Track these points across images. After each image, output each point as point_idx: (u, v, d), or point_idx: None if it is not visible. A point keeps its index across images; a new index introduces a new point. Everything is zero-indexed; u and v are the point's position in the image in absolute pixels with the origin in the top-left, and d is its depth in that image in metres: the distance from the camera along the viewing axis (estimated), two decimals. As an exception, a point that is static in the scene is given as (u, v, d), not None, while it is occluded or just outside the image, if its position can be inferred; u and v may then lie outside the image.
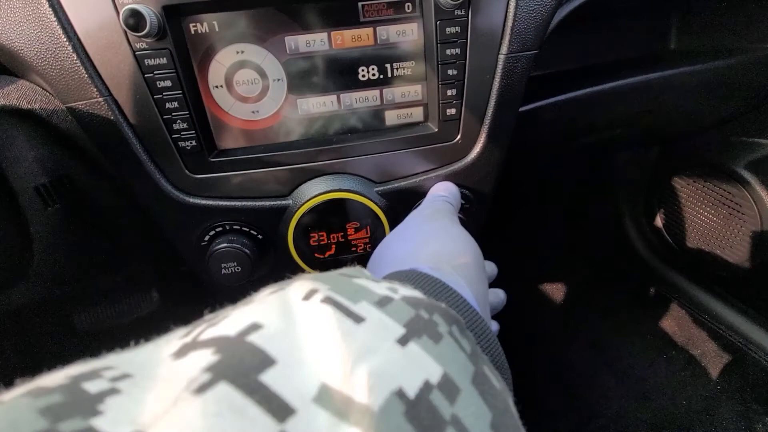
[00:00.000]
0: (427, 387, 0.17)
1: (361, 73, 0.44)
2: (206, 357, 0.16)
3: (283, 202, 0.47)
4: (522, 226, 1.43)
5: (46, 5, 0.37)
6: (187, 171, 0.44)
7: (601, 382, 1.03)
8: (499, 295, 0.46)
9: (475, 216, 0.51)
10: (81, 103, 0.40)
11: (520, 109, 0.49)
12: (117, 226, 0.55)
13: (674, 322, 1.11)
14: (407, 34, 0.42)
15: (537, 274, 1.33)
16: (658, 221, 1.17)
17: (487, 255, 0.64)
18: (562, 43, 0.46)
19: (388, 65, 0.44)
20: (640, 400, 0.98)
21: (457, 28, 0.41)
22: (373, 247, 0.50)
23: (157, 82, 0.40)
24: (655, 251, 1.21)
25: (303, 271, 0.50)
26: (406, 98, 0.45)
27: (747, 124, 0.91)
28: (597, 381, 1.04)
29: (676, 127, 0.90)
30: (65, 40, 0.37)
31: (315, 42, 0.42)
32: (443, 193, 0.45)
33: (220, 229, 0.47)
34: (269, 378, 0.15)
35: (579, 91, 0.64)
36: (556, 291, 1.28)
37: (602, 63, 0.75)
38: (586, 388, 1.03)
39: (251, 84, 0.43)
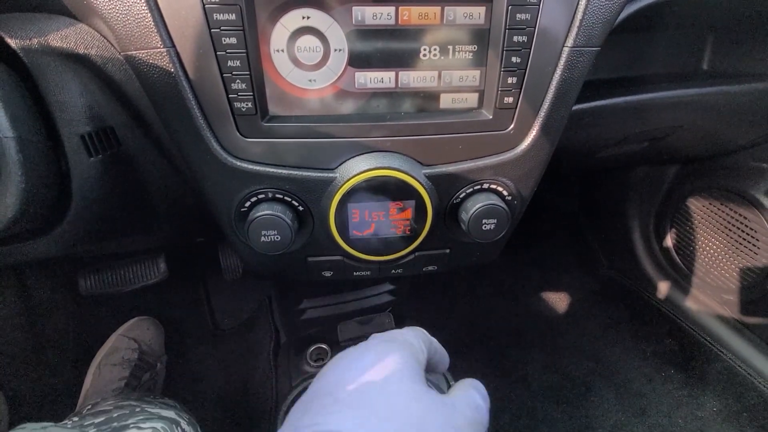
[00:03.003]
0: None
1: (422, 53, 0.43)
2: None
3: (330, 174, 0.46)
4: (530, 237, 1.43)
5: (121, -53, 0.36)
6: (238, 133, 0.43)
7: (599, 394, 1.04)
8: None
9: (514, 212, 0.51)
10: (142, 51, 0.39)
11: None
12: (151, 187, 0.54)
13: (675, 341, 1.12)
14: (474, 17, 0.42)
15: (542, 284, 1.34)
16: (668, 240, 1.18)
17: (496, 262, 0.64)
18: (599, 52, 0.46)
19: (450, 47, 0.43)
20: (637, 415, 0.99)
21: (528, 15, 0.41)
22: (413, 231, 0.50)
23: (223, 39, 0.39)
24: (661, 269, 1.22)
25: (340, 246, 0.50)
26: (464, 82, 0.45)
27: (768, 151, 0.92)
28: (595, 393, 1.04)
29: (701, 146, 0.91)
30: (136, -16, 0.37)
31: (382, 15, 0.41)
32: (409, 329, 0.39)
33: (263, 196, 0.46)
34: None
35: (618, 98, 0.64)
36: (559, 302, 1.29)
37: (638, 75, 0.75)
38: (584, 399, 1.03)
39: (312, 51, 0.42)
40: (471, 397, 0.36)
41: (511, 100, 0.45)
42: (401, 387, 0.32)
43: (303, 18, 0.41)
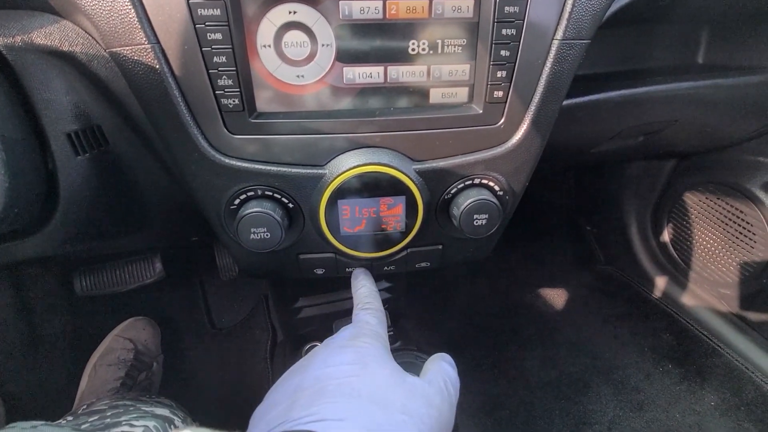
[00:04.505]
0: None
1: (411, 47, 0.43)
2: None
3: (319, 171, 0.46)
4: (527, 233, 1.43)
5: (103, -58, 0.36)
6: (226, 130, 0.43)
7: (596, 389, 1.04)
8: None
9: (506, 207, 0.51)
10: (126, 48, 0.39)
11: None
12: (141, 186, 0.54)
13: (673, 336, 1.11)
14: (462, 10, 0.42)
15: (539, 281, 1.34)
16: (665, 235, 1.18)
17: (492, 258, 0.64)
18: (593, 47, 0.46)
19: (439, 41, 0.43)
20: (635, 410, 0.99)
21: (516, 8, 0.40)
22: (404, 227, 0.49)
23: (208, 34, 0.39)
24: (659, 265, 1.22)
25: (331, 243, 0.49)
26: (453, 77, 0.45)
27: (764, 144, 0.92)
28: (593, 388, 1.04)
29: (697, 140, 0.90)
30: (118, -20, 0.36)
31: (369, 9, 0.41)
32: (368, 314, 0.44)
33: (252, 193, 0.46)
34: None
35: (613, 92, 0.64)
36: (556, 297, 1.29)
37: (632, 69, 0.75)
38: (582, 395, 1.03)
39: (299, 47, 0.42)
40: (445, 371, 0.40)
41: (501, 94, 0.44)
42: (383, 376, 0.35)
43: (290, 13, 0.40)
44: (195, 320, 1.19)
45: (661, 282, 1.20)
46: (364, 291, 0.49)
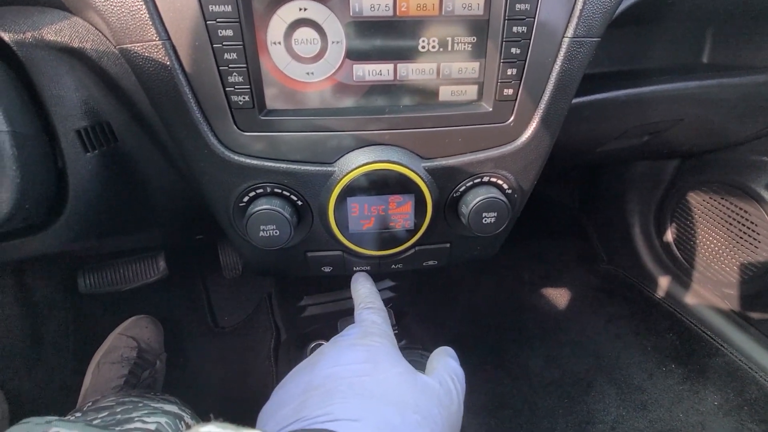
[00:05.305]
0: None
1: (421, 44, 0.43)
2: None
3: (328, 168, 0.46)
4: (530, 232, 1.43)
5: (115, -62, 0.36)
6: (235, 127, 0.43)
7: (600, 389, 1.04)
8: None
9: (515, 206, 0.51)
10: (137, 45, 0.39)
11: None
12: (148, 184, 0.54)
13: (676, 336, 1.11)
14: (473, 7, 0.41)
15: (542, 280, 1.34)
16: (668, 235, 1.18)
17: (496, 257, 0.64)
18: (600, 46, 0.46)
19: (449, 38, 0.43)
20: (638, 409, 0.99)
21: (527, 5, 0.40)
22: (412, 225, 0.49)
23: (219, 31, 0.38)
24: (662, 264, 1.22)
25: (339, 241, 0.49)
26: (463, 75, 0.45)
27: (768, 144, 0.92)
28: (596, 388, 1.04)
29: (702, 140, 0.90)
30: (130, -24, 0.36)
31: (380, 6, 0.41)
32: (372, 312, 0.45)
33: (261, 190, 0.46)
34: None
35: (619, 91, 0.64)
36: (560, 297, 1.29)
37: (638, 69, 0.75)
38: (585, 394, 1.03)
39: (310, 44, 0.42)
40: (451, 368, 0.41)
41: (510, 92, 0.44)
42: (395, 376, 0.35)
43: (300, 10, 0.40)
44: (198, 319, 1.19)
45: (664, 281, 1.20)
46: (365, 291, 0.50)
